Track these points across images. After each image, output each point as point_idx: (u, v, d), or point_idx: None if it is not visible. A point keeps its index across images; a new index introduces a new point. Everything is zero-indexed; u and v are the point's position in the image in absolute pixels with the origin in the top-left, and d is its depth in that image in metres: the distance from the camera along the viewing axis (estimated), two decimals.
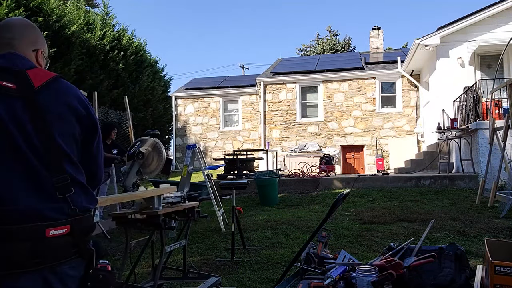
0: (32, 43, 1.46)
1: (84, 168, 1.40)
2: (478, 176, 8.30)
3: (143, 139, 3.33)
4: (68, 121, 1.34)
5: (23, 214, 1.19)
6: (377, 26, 17.83)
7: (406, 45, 30.01)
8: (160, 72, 14.99)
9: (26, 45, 1.44)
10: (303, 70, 15.13)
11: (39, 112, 1.28)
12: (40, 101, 1.30)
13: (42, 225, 1.20)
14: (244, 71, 31.80)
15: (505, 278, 2.51)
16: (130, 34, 11.59)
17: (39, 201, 1.23)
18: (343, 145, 14.24)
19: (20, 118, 1.26)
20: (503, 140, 6.20)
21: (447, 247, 3.11)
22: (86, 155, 1.43)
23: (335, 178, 9.78)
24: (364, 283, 2.60)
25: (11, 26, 1.43)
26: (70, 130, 1.35)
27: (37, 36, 1.49)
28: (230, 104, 16.51)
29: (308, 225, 5.65)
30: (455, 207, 6.44)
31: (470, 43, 10.43)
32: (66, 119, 1.34)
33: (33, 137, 1.26)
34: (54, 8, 7.70)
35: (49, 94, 1.32)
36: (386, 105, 14.15)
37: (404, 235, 4.84)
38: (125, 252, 3.10)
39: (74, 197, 1.30)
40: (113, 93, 9.67)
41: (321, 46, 33.22)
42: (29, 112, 1.27)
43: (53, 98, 1.33)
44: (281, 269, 3.74)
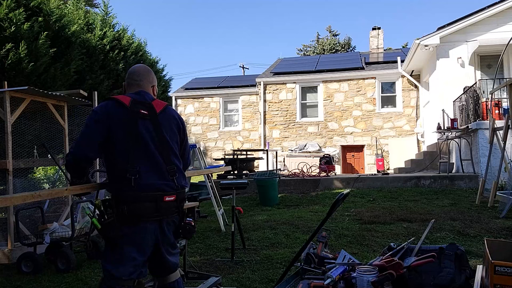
0: (150, 82, 2.32)
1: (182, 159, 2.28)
2: (478, 176, 8.30)
3: None
4: (174, 131, 2.22)
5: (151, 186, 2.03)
6: (377, 26, 17.83)
7: (406, 45, 30.03)
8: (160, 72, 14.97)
9: (147, 84, 2.30)
10: (303, 70, 15.13)
11: (160, 127, 2.14)
12: (159, 120, 2.15)
13: (161, 194, 2.04)
14: (244, 71, 31.82)
15: (505, 278, 2.51)
16: (130, 34, 11.57)
17: (160, 180, 2.06)
18: (343, 145, 14.24)
19: (150, 131, 2.10)
20: (503, 140, 6.20)
21: (447, 247, 3.10)
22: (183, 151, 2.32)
23: (335, 178, 9.78)
24: (364, 283, 2.60)
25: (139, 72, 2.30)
26: (175, 137, 2.22)
27: (152, 76, 2.35)
28: (230, 104, 16.51)
29: (308, 225, 5.65)
30: (455, 207, 6.44)
31: (470, 43, 10.43)
32: (173, 130, 2.21)
33: (156, 142, 2.10)
34: (54, 8, 7.69)
35: (164, 116, 2.19)
36: (386, 105, 14.16)
37: (404, 235, 4.83)
38: None
39: (177, 179, 2.14)
40: (113, 93, 9.66)
41: (321, 46, 33.23)
42: (155, 128, 2.12)
43: (166, 118, 2.19)
44: (281, 269, 3.74)
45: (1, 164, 4.70)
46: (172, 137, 2.19)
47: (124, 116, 2.06)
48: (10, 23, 6.56)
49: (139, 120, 2.08)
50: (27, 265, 4.14)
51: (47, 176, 8.64)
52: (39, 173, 8.87)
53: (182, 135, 2.29)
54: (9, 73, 6.44)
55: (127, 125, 2.05)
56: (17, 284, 3.82)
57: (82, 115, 6.38)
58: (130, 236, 1.98)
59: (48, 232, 4.37)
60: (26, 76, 6.73)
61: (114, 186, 2.05)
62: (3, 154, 4.84)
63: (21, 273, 4.10)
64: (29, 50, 6.68)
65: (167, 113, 2.21)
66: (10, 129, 4.65)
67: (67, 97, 5.58)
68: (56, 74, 7.42)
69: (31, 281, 3.87)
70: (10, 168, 4.61)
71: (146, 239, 2.02)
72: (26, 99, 4.89)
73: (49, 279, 3.93)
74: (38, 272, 4.10)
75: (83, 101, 5.85)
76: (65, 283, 3.78)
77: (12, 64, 6.42)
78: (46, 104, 5.33)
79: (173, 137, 2.20)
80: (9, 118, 4.63)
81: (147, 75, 2.31)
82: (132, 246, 1.99)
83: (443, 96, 10.65)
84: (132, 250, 1.98)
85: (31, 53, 6.72)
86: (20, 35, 6.63)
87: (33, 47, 6.78)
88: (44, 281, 3.86)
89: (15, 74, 6.54)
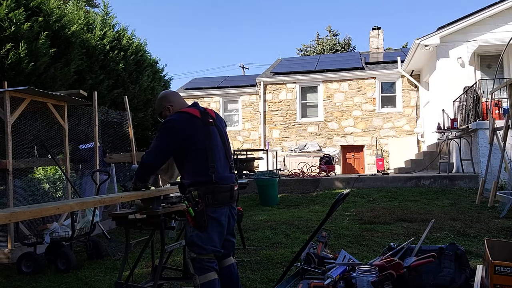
0: (183, 100, 2.85)
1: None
2: (478, 176, 8.30)
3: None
4: (225, 132, 2.75)
5: (227, 179, 2.56)
6: (377, 26, 17.83)
7: (406, 45, 30.02)
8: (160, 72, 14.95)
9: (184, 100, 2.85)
10: (303, 70, 15.13)
11: (221, 131, 2.68)
12: (217, 124, 2.67)
13: (232, 185, 2.59)
14: (244, 71, 31.79)
15: (505, 278, 2.51)
16: (130, 34, 11.56)
17: (228, 174, 2.61)
18: (343, 145, 14.24)
19: (217, 135, 2.62)
20: (503, 140, 6.20)
21: (447, 247, 3.10)
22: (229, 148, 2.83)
23: (335, 178, 9.78)
24: (364, 283, 2.60)
25: (176, 93, 2.85)
26: (227, 137, 2.75)
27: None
28: (230, 104, 16.50)
29: (308, 225, 5.65)
30: (455, 207, 6.44)
31: (470, 43, 10.43)
32: (225, 131, 2.76)
33: (222, 143, 2.64)
34: (54, 8, 7.68)
35: (218, 121, 2.71)
36: (386, 105, 14.15)
37: (404, 235, 4.83)
38: (125, 252, 3.10)
39: (234, 173, 2.69)
40: (113, 93, 9.64)
41: (321, 46, 33.21)
42: (219, 131, 2.65)
43: (220, 122, 2.72)
44: (281, 269, 3.74)
45: (1, 164, 4.70)
46: (226, 138, 2.74)
47: (199, 125, 2.55)
48: (10, 23, 6.56)
49: (210, 127, 2.59)
50: (27, 265, 4.14)
51: (47, 176, 8.64)
52: (39, 173, 8.87)
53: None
54: (9, 73, 6.44)
55: (203, 132, 2.54)
56: (17, 284, 3.82)
57: (82, 115, 6.39)
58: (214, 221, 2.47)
59: (48, 232, 4.37)
60: (26, 76, 6.73)
61: (198, 180, 2.49)
62: (3, 154, 4.85)
63: (21, 273, 4.10)
64: (29, 50, 6.68)
65: (219, 118, 2.76)
66: (10, 129, 4.66)
67: (67, 97, 5.58)
68: (56, 74, 7.42)
69: (31, 281, 3.87)
70: (10, 168, 4.62)
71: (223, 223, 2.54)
72: (26, 99, 4.89)
73: (49, 279, 3.93)
74: (38, 272, 4.10)
75: (83, 101, 5.85)
76: (65, 283, 3.79)
77: (12, 64, 6.42)
78: (46, 104, 5.33)
79: (226, 137, 2.74)
80: (9, 118, 4.63)
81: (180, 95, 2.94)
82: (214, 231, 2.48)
83: (443, 96, 10.65)
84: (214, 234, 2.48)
85: (31, 53, 6.72)
86: (20, 35, 6.63)
87: (33, 47, 6.78)
88: (44, 281, 3.86)
89: (15, 74, 6.53)
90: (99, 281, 3.80)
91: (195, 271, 2.46)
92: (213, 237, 2.48)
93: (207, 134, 2.55)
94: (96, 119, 6.30)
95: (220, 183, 2.50)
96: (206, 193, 2.46)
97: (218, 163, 2.53)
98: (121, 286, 2.95)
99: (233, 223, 2.68)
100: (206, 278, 2.45)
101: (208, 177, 2.47)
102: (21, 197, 5.81)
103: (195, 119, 2.56)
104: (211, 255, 2.49)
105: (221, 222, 2.51)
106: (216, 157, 2.53)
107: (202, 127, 2.54)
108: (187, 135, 2.50)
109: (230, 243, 2.70)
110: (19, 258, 4.20)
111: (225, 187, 2.52)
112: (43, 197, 7.05)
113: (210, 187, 2.46)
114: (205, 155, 2.50)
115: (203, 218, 2.43)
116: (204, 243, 2.46)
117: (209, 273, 2.46)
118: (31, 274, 4.07)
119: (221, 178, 2.51)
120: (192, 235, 2.49)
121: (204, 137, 2.53)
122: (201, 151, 2.50)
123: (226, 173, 2.58)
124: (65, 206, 2.34)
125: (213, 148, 2.54)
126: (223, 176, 2.54)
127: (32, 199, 6.23)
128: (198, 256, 2.48)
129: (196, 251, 2.48)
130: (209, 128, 2.57)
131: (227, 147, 2.69)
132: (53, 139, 5.72)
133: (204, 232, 2.46)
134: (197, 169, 2.51)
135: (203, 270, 2.45)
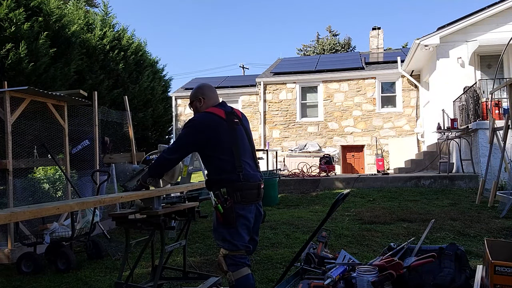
0: (217, 96, 2.89)
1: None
2: (478, 176, 8.30)
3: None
4: (250, 131, 2.80)
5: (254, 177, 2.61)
6: (377, 26, 17.82)
7: (406, 45, 30.02)
8: (160, 72, 14.95)
9: (218, 97, 2.89)
10: (303, 70, 15.12)
11: (247, 131, 2.75)
12: (244, 125, 2.75)
13: (259, 183, 2.64)
14: (244, 71, 31.78)
15: (505, 278, 2.51)
16: (130, 34, 11.57)
17: (255, 172, 2.65)
18: (343, 145, 14.24)
19: (243, 134, 2.68)
20: (503, 140, 6.20)
21: (447, 247, 3.10)
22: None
23: (335, 178, 9.78)
24: (364, 283, 2.60)
25: (213, 88, 2.90)
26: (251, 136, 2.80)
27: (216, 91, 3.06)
28: (230, 104, 16.28)
29: (308, 225, 5.65)
30: (455, 207, 6.43)
31: (470, 43, 10.43)
32: (250, 131, 2.83)
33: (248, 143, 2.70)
34: (54, 8, 7.69)
35: (244, 120, 2.78)
36: (386, 105, 14.15)
37: (404, 235, 4.84)
38: (125, 252, 3.10)
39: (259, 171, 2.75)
40: (113, 93, 9.65)
41: (321, 46, 33.21)
42: (245, 131, 2.72)
43: (245, 122, 2.79)
44: (281, 269, 3.74)
45: (1, 164, 4.70)
46: (251, 136, 2.82)
47: (224, 125, 2.59)
48: (10, 23, 6.56)
49: (236, 127, 2.65)
50: (27, 265, 4.13)
51: (47, 176, 8.64)
52: (39, 173, 8.87)
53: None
54: (9, 73, 6.44)
55: (229, 132, 2.60)
56: (17, 284, 3.82)
57: (82, 115, 6.38)
58: (242, 218, 2.54)
59: (48, 232, 4.37)
60: (26, 76, 6.73)
61: (226, 178, 2.55)
62: (3, 154, 4.85)
63: (21, 273, 4.10)
64: (29, 50, 6.69)
65: (244, 118, 2.83)
66: (10, 129, 4.65)
67: (67, 97, 5.58)
68: (56, 74, 7.42)
69: (31, 281, 3.87)
70: (10, 168, 4.62)
71: (251, 220, 2.61)
72: (26, 99, 4.89)
73: (49, 279, 3.93)
74: (38, 272, 4.10)
75: (83, 101, 5.85)
76: (65, 283, 3.79)
77: (12, 64, 6.42)
78: (46, 104, 5.33)
79: (251, 136, 2.82)
80: (9, 118, 4.63)
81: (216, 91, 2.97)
82: (242, 227, 2.54)
83: (443, 96, 10.64)
84: (243, 231, 2.55)
85: (31, 53, 6.73)
86: (20, 35, 6.64)
87: (33, 47, 6.79)
88: (44, 281, 3.86)
89: (15, 74, 6.54)
90: (99, 281, 3.80)
91: (228, 267, 2.51)
92: (242, 234, 2.54)
93: (233, 133, 2.61)
94: (96, 119, 6.29)
95: (247, 181, 2.56)
96: (235, 191, 2.52)
97: (245, 161, 2.60)
98: (121, 286, 2.95)
99: (259, 221, 2.74)
100: (241, 274, 2.50)
101: (236, 175, 2.54)
102: (21, 197, 5.81)
103: (220, 119, 2.60)
104: (243, 251, 2.54)
105: (248, 219, 2.57)
106: (242, 155, 2.60)
107: (227, 127, 2.60)
108: (208, 135, 2.56)
109: (254, 241, 2.75)
110: (19, 258, 4.20)
111: (252, 185, 2.58)
112: (43, 197, 7.05)
113: (238, 184, 2.53)
114: (232, 153, 2.56)
115: (232, 215, 2.49)
116: (235, 239, 2.52)
117: (243, 268, 2.51)
118: (31, 274, 4.06)
119: (248, 176, 2.57)
120: (223, 232, 2.54)
121: (229, 137, 2.59)
122: (228, 150, 2.56)
123: (253, 171, 2.63)
124: (65, 206, 2.34)
125: (240, 147, 2.60)
126: (250, 174, 2.59)
127: (32, 199, 6.23)
128: (230, 253, 2.53)
129: (228, 247, 2.53)
130: (235, 128, 2.64)
131: (253, 146, 2.77)
132: (53, 139, 5.72)
133: (233, 229, 2.52)
134: (225, 167, 2.56)
135: (237, 266, 2.50)
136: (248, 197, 2.55)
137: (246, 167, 2.58)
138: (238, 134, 2.64)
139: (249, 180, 2.57)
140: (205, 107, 2.73)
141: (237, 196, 2.52)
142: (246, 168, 2.58)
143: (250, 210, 2.59)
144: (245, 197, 2.54)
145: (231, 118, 2.66)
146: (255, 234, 2.74)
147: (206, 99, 2.77)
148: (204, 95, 2.78)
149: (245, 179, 2.55)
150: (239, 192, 2.52)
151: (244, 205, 2.54)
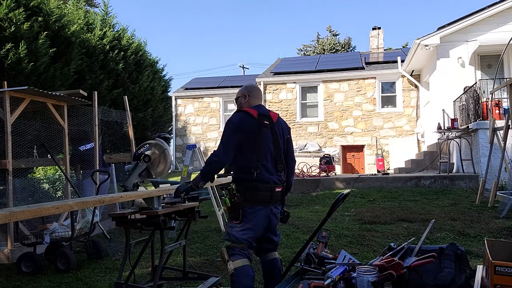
0: (261, 98, 3.05)
1: (288, 157, 2.94)
2: (478, 176, 8.30)
3: (151, 142, 3.32)
4: (283, 138, 2.88)
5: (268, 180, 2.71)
6: (377, 26, 17.81)
7: (406, 45, 29.97)
8: (160, 72, 14.94)
9: (262, 99, 3.04)
10: (303, 70, 15.12)
11: (275, 135, 2.81)
12: (275, 129, 2.82)
13: (274, 185, 2.73)
14: (244, 71, 31.79)
15: (506, 278, 2.51)
16: (130, 34, 11.58)
17: (273, 175, 2.74)
18: (343, 145, 14.23)
19: (269, 138, 2.77)
20: (504, 140, 6.19)
21: (447, 247, 3.10)
22: (288, 152, 2.95)
23: (335, 178, 9.78)
24: (364, 283, 2.60)
25: (260, 90, 3.07)
26: (284, 142, 2.89)
27: (262, 93, 3.49)
28: (230, 104, 16.48)
29: (308, 225, 5.64)
30: (455, 207, 6.43)
31: (470, 43, 10.42)
32: (283, 137, 2.88)
33: (273, 146, 2.78)
34: (54, 8, 7.68)
35: (278, 125, 2.86)
36: (386, 105, 14.15)
37: (404, 235, 4.83)
38: (125, 252, 3.10)
39: (284, 175, 2.84)
40: (113, 93, 9.66)
41: (321, 46, 33.20)
42: (272, 134, 2.79)
43: (279, 127, 2.86)
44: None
45: (1, 164, 4.69)
46: (282, 142, 2.87)
47: (254, 126, 2.73)
48: (10, 23, 6.56)
49: (263, 129, 2.75)
50: (27, 265, 4.13)
51: (47, 176, 8.64)
52: (39, 173, 8.87)
53: (288, 138, 2.98)
54: (9, 73, 6.44)
55: (255, 133, 2.72)
56: (17, 284, 3.82)
57: (82, 115, 6.38)
58: (249, 216, 2.66)
59: (48, 232, 4.37)
60: (26, 76, 6.73)
61: (242, 177, 2.70)
62: (3, 154, 4.84)
63: (21, 273, 4.10)
64: (29, 50, 6.68)
65: (279, 123, 2.90)
66: (10, 129, 4.65)
67: (67, 97, 5.58)
68: (56, 74, 7.42)
69: (31, 281, 3.87)
70: (10, 168, 4.61)
71: (260, 220, 2.70)
72: (26, 99, 4.89)
73: (49, 279, 3.93)
74: (38, 272, 4.09)
75: (83, 101, 5.84)
76: (65, 283, 3.78)
77: (12, 64, 6.42)
78: (46, 104, 5.33)
79: (283, 142, 2.87)
80: (9, 118, 4.63)
81: (262, 93, 3.15)
82: (249, 225, 2.66)
83: (443, 96, 10.64)
84: (248, 227, 2.67)
85: (31, 53, 6.72)
86: (20, 35, 6.63)
87: (33, 47, 6.78)
88: (44, 281, 3.86)
89: (15, 74, 6.54)
90: (99, 281, 3.80)
91: (229, 257, 2.68)
92: (247, 230, 2.68)
93: (258, 135, 2.72)
94: (96, 119, 6.29)
95: (261, 182, 2.68)
96: (246, 189, 2.67)
97: (263, 163, 2.70)
98: (121, 286, 2.95)
99: (275, 222, 2.84)
100: (239, 264, 2.65)
101: (251, 175, 2.66)
102: (21, 197, 5.81)
103: (251, 119, 2.75)
104: (243, 244, 2.69)
105: (257, 218, 2.69)
106: (262, 157, 2.71)
107: (255, 127, 2.72)
108: (241, 132, 2.70)
109: (271, 241, 2.90)
110: (19, 258, 4.19)
111: (265, 186, 2.69)
112: (43, 197, 7.04)
113: (251, 184, 2.66)
114: (252, 154, 2.69)
115: (238, 211, 2.66)
116: (238, 233, 2.68)
117: (242, 259, 2.66)
118: (31, 274, 4.06)
119: (263, 178, 2.68)
120: (230, 225, 2.75)
121: (254, 137, 2.71)
122: (250, 150, 2.70)
123: (268, 175, 2.72)
124: (64, 205, 2.34)
125: (261, 149, 2.72)
126: (265, 176, 2.70)
127: (32, 199, 6.23)
128: (231, 244, 2.71)
129: (230, 239, 2.73)
130: (261, 129, 2.74)
131: (278, 151, 2.81)
132: (53, 139, 5.71)
133: (239, 223, 2.68)
134: (243, 166, 2.71)
135: (236, 256, 2.67)
136: (258, 198, 2.67)
137: (262, 170, 2.69)
138: (263, 136, 2.74)
139: (262, 181, 2.68)
140: (247, 105, 2.88)
141: (247, 195, 2.66)
142: (262, 170, 2.69)
143: (260, 210, 2.69)
144: (255, 197, 2.66)
145: (261, 120, 2.77)
146: (271, 233, 2.87)
147: (250, 98, 2.92)
148: (250, 93, 2.94)
149: (258, 180, 2.66)
150: (249, 191, 2.66)
151: (254, 205, 2.67)
